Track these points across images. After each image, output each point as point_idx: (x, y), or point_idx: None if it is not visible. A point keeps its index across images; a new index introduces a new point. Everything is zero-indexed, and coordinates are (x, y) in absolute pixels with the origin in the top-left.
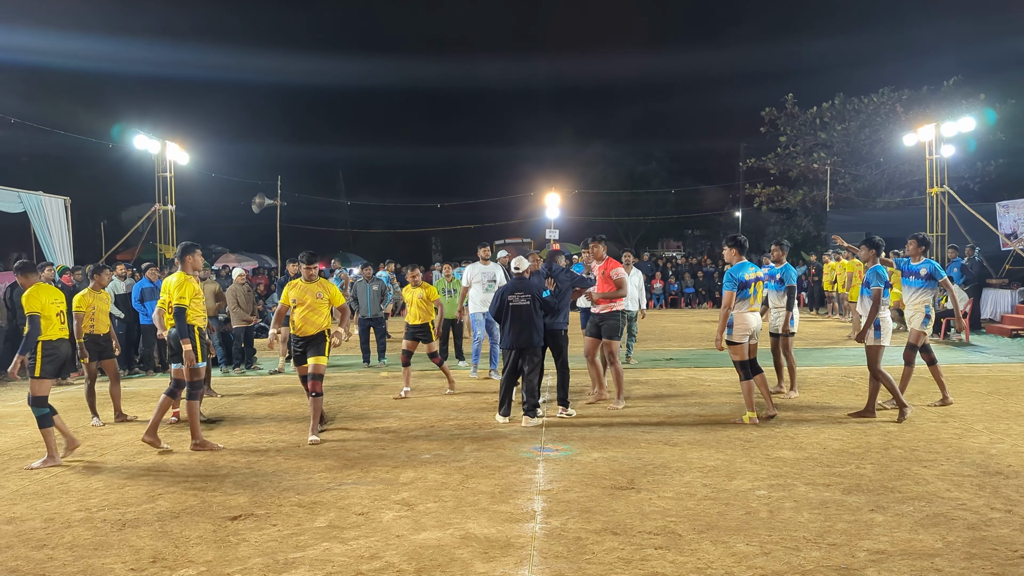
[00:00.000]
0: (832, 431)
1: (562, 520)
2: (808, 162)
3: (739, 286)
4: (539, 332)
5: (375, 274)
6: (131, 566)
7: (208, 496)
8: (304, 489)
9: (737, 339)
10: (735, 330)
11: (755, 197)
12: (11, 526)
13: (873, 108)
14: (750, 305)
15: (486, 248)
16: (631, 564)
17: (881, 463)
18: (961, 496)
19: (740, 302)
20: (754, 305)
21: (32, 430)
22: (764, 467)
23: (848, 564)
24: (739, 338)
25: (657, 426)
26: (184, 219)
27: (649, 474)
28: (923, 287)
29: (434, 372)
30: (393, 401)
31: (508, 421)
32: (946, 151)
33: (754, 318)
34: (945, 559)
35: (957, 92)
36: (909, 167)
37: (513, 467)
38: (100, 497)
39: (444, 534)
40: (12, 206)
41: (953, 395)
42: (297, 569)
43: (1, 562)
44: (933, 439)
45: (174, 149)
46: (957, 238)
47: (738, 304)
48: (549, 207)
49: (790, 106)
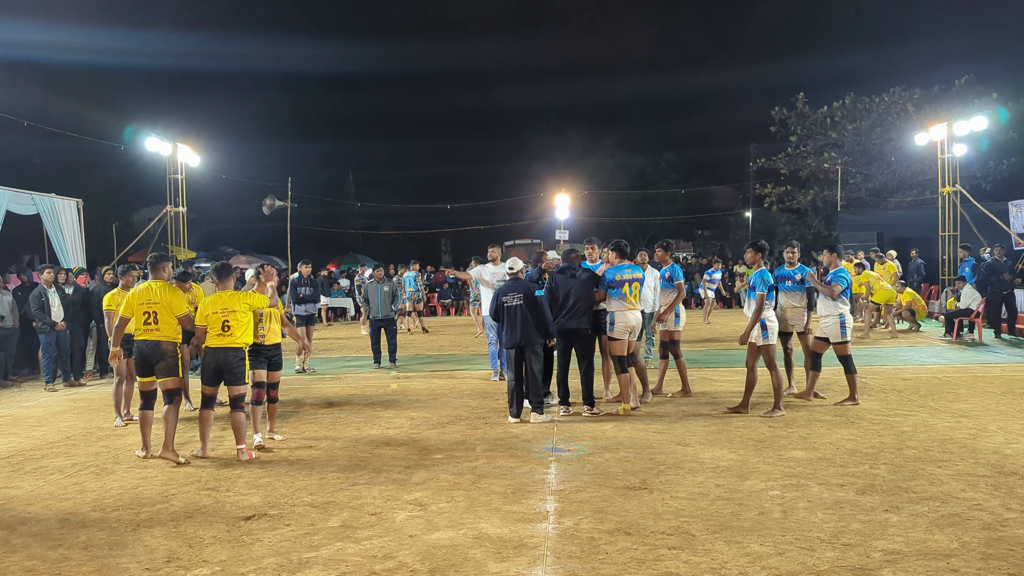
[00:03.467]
0: (845, 431)
1: (575, 520)
2: (819, 162)
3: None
4: (539, 329)
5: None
6: (146, 566)
7: (221, 496)
8: (317, 489)
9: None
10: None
11: (765, 197)
12: (27, 526)
13: (884, 107)
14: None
15: (496, 248)
16: (644, 564)
17: (895, 463)
18: (976, 496)
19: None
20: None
21: (47, 431)
22: (777, 467)
23: (863, 564)
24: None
25: (669, 426)
26: (195, 221)
27: (662, 474)
28: (799, 291)
29: (443, 372)
30: (404, 402)
31: (519, 421)
32: (958, 150)
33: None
34: (961, 559)
35: (969, 91)
36: (921, 166)
37: (525, 467)
38: (114, 497)
39: (457, 534)
40: (25, 208)
41: (967, 395)
42: (311, 569)
43: (17, 561)
44: (947, 439)
45: (185, 151)
46: (969, 238)
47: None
48: (559, 208)
49: (800, 105)
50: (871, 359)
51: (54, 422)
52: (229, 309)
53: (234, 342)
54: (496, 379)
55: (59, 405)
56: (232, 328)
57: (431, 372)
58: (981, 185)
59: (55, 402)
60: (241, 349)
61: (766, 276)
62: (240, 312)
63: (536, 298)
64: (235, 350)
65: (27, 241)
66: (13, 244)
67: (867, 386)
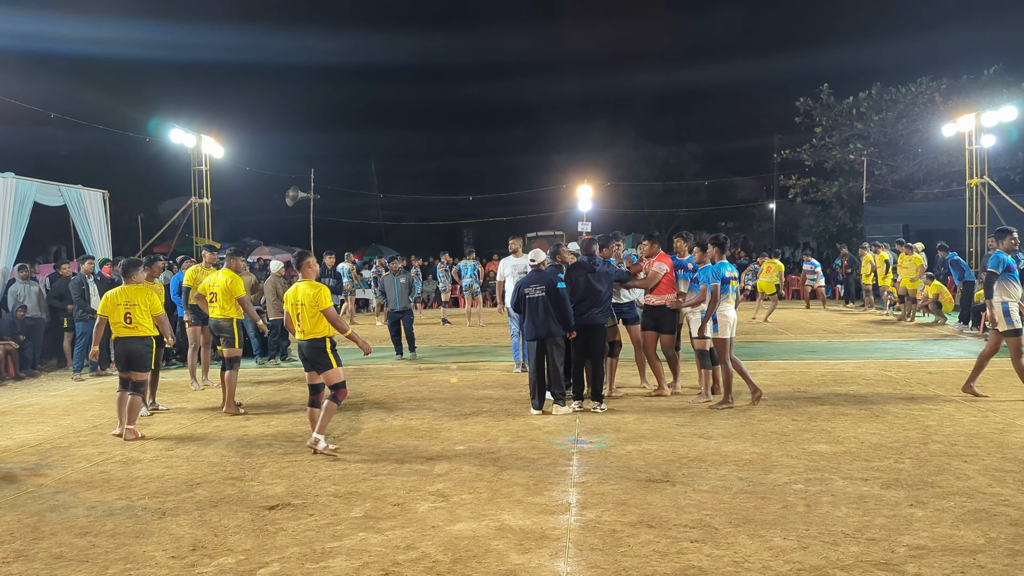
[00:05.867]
0: (869, 425)
1: (597, 512)
2: (844, 153)
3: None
4: (560, 322)
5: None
6: (172, 554)
7: (246, 486)
8: (340, 479)
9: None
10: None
11: (790, 188)
12: (55, 513)
13: (911, 98)
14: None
15: (517, 240)
16: (667, 557)
17: (920, 458)
18: (1003, 492)
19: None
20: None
21: (74, 419)
22: (800, 461)
23: (888, 559)
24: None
25: (691, 419)
26: (219, 212)
27: (684, 467)
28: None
29: (468, 364)
30: (426, 393)
31: (541, 413)
32: (986, 141)
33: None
34: (988, 555)
35: (998, 81)
36: (948, 157)
37: (547, 459)
38: (140, 486)
39: (479, 525)
40: (53, 199)
41: (994, 389)
42: (334, 559)
43: (46, 548)
44: (974, 434)
45: (209, 143)
46: None
47: None
48: (581, 199)
49: (826, 96)
50: (896, 352)
51: (81, 411)
52: (132, 303)
53: (138, 332)
54: (518, 371)
55: (86, 394)
56: (135, 319)
57: (453, 363)
58: (1010, 176)
59: (82, 391)
60: (148, 339)
61: (719, 269)
62: (142, 306)
63: (558, 290)
64: (141, 339)
65: (54, 232)
66: (41, 235)
67: (892, 379)
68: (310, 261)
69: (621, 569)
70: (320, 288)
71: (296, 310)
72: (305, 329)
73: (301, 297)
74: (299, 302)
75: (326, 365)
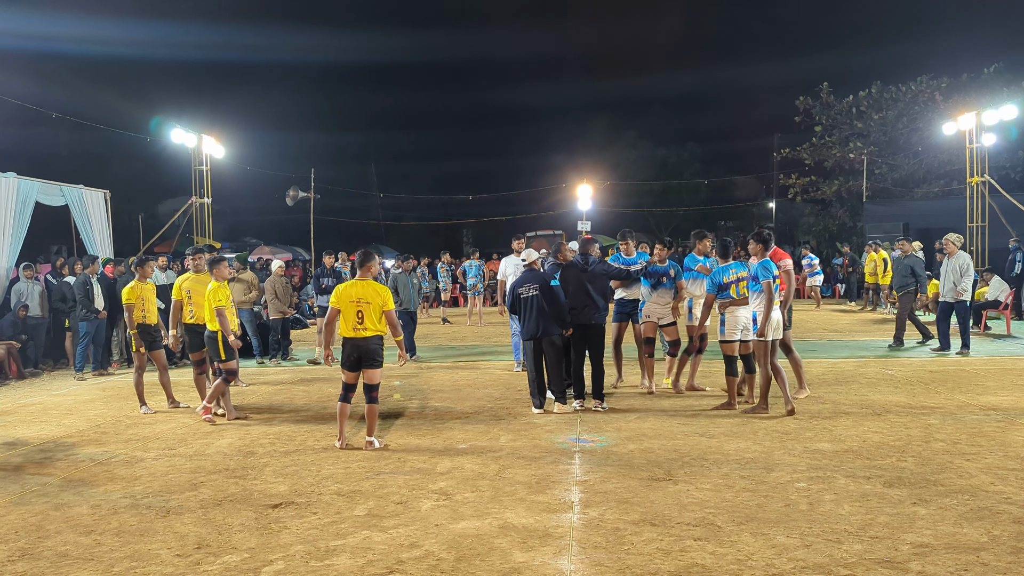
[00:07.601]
0: (871, 423)
1: (600, 511)
2: (844, 152)
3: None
4: (556, 320)
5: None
6: (176, 552)
7: (249, 484)
8: (343, 478)
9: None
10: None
11: (789, 187)
12: (59, 512)
13: (911, 96)
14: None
15: (520, 240)
16: (670, 555)
17: (923, 456)
18: (1006, 490)
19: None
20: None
21: (77, 419)
22: (803, 459)
23: (891, 557)
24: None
25: (692, 418)
26: (219, 212)
27: (686, 465)
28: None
29: (466, 363)
30: (428, 392)
31: (542, 412)
32: (987, 140)
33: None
34: (991, 553)
35: (998, 79)
36: (948, 156)
37: (549, 457)
38: (144, 485)
39: (482, 523)
40: (54, 199)
41: (996, 388)
42: (338, 557)
43: (51, 547)
44: (976, 432)
45: (210, 143)
46: (998, 228)
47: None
48: (581, 198)
49: (825, 95)
50: (897, 351)
51: (84, 410)
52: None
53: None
54: (519, 370)
55: (88, 394)
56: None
57: (452, 364)
58: (1010, 175)
59: (84, 390)
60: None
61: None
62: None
63: (552, 288)
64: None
65: (56, 232)
66: (42, 235)
67: (892, 377)
68: (374, 264)
69: (625, 567)
70: (387, 289)
71: (356, 307)
72: (369, 327)
73: (368, 295)
74: (362, 299)
75: (380, 363)
